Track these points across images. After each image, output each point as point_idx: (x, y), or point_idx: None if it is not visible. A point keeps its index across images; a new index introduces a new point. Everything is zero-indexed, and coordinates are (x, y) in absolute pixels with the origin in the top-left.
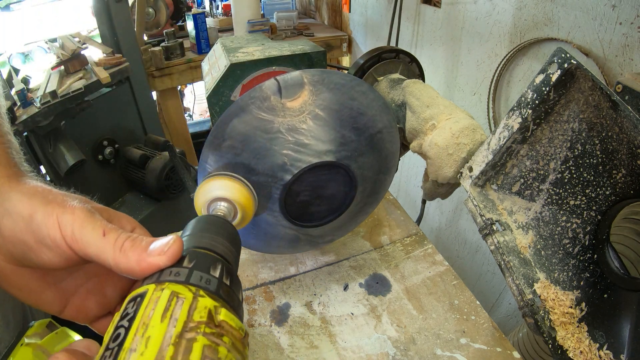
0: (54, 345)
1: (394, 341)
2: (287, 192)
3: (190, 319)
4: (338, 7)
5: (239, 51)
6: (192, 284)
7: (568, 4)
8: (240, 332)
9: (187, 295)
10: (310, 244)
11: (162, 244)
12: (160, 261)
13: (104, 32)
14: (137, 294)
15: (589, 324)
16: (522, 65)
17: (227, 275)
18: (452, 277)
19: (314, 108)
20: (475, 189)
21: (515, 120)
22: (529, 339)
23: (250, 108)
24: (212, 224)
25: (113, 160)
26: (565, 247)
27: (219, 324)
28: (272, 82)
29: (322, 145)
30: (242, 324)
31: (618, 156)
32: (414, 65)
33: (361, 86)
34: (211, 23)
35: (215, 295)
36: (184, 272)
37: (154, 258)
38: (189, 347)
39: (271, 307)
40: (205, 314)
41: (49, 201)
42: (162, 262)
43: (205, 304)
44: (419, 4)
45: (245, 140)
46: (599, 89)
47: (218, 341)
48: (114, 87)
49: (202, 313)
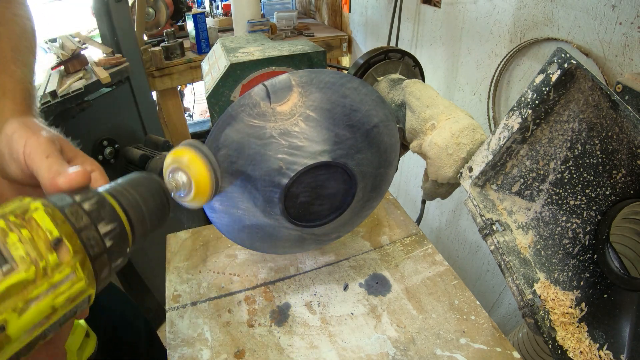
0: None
1: (394, 341)
2: (286, 195)
3: (9, 211)
4: (338, 7)
5: (239, 51)
6: (47, 199)
7: (568, 4)
8: (48, 234)
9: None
10: (317, 242)
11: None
12: (59, 181)
13: (104, 32)
14: None
15: (589, 324)
16: (522, 65)
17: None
18: (452, 277)
19: (304, 110)
20: (475, 189)
21: (515, 120)
22: (529, 339)
23: (241, 116)
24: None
25: (113, 160)
26: (565, 247)
27: (27, 219)
28: (260, 88)
29: (316, 146)
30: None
31: (618, 156)
32: (417, 70)
33: (352, 82)
34: (211, 23)
35: (53, 206)
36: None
37: (58, 179)
38: None
39: (271, 307)
40: (20, 209)
41: (29, 127)
42: (59, 183)
43: (29, 204)
44: (419, 4)
45: (239, 149)
46: (599, 89)
47: (14, 228)
48: (114, 87)
49: (22, 208)
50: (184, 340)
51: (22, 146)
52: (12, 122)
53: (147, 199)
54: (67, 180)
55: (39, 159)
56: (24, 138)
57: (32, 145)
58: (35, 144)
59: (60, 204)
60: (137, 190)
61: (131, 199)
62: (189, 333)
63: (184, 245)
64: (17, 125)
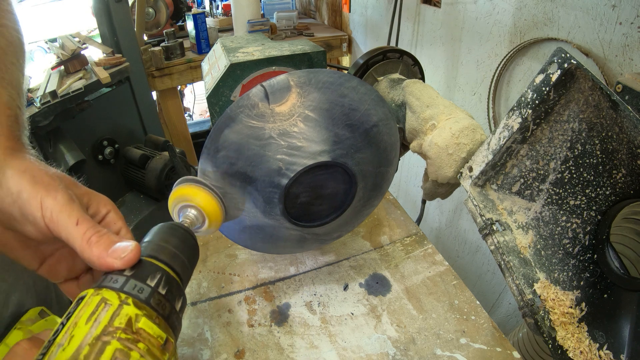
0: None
1: (394, 341)
2: (286, 196)
3: (110, 324)
4: (338, 7)
5: (239, 51)
6: (124, 292)
7: (568, 4)
8: (159, 340)
9: (114, 302)
10: (318, 242)
11: (122, 248)
12: (115, 264)
13: (104, 32)
14: (81, 295)
15: (589, 324)
16: (522, 65)
17: (165, 285)
18: (452, 277)
19: (303, 110)
20: (475, 189)
21: (515, 120)
22: (529, 339)
23: (240, 117)
24: (171, 233)
25: (113, 160)
26: (565, 247)
27: (136, 330)
28: (258, 89)
29: (315, 146)
30: (162, 332)
31: (618, 156)
32: (416, 69)
33: (351, 82)
34: (211, 23)
35: (144, 303)
36: (122, 280)
37: (111, 260)
38: (102, 349)
39: (271, 307)
40: (124, 321)
41: (36, 182)
42: (116, 265)
43: (127, 311)
44: (419, 4)
45: (238, 150)
46: (599, 89)
47: (132, 346)
48: (114, 87)
49: (122, 320)
50: (184, 340)
51: (38, 210)
52: (11, 174)
53: (185, 251)
54: (123, 263)
55: (69, 228)
56: (37, 200)
57: (52, 210)
58: (55, 208)
59: (144, 297)
60: (177, 247)
61: (179, 262)
62: (189, 333)
63: None
64: (19, 180)
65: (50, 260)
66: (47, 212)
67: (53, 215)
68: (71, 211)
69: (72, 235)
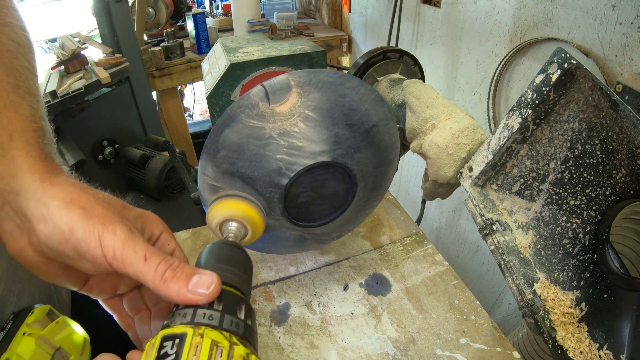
0: (55, 335)
1: (394, 341)
2: (286, 196)
3: None
4: (338, 7)
5: (239, 51)
6: (225, 330)
7: (568, 4)
8: None
9: (225, 343)
10: (318, 241)
11: (203, 282)
12: (201, 301)
13: (104, 32)
14: (174, 334)
15: (589, 324)
16: (522, 65)
17: (248, 315)
18: (452, 277)
19: (303, 110)
20: (475, 189)
21: (515, 120)
22: (529, 339)
23: (240, 117)
24: (229, 255)
25: (113, 160)
26: (565, 247)
27: None
28: (258, 88)
29: (315, 146)
30: None
31: (618, 156)
32: (416, 69)
33: (351, 82)
34: (211, 23)
35: (244, 340)
36: (217, 316)
37: (194, 296)
38: None
39: (271, 307)
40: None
41: (89, 215)
42: (202, 302)
43: (239, 352)
44: (419, 4)
45: (238, 149)
46: (599, 89)
47: None
48: (114, 87)
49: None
50: None
51: (98, 248)
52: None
53: (247, 271)
54: (209, 298)
55: (136, 265)
56: (94, 237)
57: (114, 248)
58: (117, 245)
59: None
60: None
61: (247, 284)
62: None
63: (184, 245)
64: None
65: (93, 279)
66: (109, 250)
67: (116, 253)
68: (135, 245)
69: (141, 272)
